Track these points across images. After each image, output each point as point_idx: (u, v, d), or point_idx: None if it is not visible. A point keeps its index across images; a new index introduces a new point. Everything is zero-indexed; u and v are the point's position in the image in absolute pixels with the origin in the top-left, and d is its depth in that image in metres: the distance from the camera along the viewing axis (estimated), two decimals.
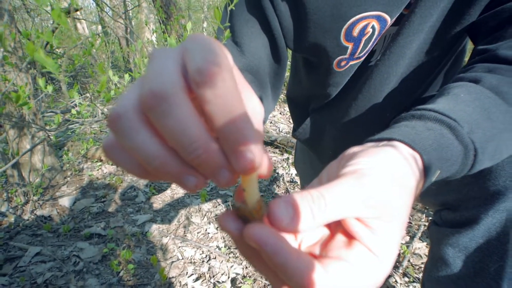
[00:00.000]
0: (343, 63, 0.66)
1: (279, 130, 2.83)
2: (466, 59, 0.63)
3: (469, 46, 0.74)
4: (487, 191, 0.49)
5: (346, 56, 0.64)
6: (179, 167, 0.23)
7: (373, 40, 0.62)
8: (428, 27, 0.59)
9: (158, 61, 0.22)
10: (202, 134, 0.22)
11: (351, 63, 0.66)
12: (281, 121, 2.99)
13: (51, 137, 1.05)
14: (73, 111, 1.44)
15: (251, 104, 0.26)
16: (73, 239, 1.45)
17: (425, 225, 1.39)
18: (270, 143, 2.40)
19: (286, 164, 2.16)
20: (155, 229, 1.52)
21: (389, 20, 0.59)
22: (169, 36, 1.28)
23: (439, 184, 0.62)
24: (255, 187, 0.25)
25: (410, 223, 1.46)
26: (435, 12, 0.57)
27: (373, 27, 0.60)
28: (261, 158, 0.22)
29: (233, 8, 0.64)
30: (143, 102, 0.21)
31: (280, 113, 3.21)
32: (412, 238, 1.35)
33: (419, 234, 1.35)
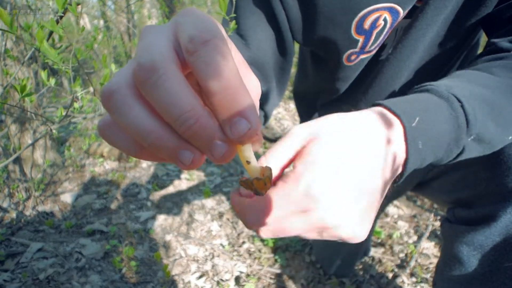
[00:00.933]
0: (353, 57, 0.64)
1: (283, 127, 2.81)
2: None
3: (482, 42, 0.72)
4: (505, 187, 0.47)
5: (357, 49, 0.62)
6: (174, 142, 0.22)
7: (384, 33, 0.60)
8: (442, 19, 0.57)
9: (147, 37, 0.22)
10: (193, 104, 0.21)
11: (362, 57, 0.64)
12: (285, 118, 2.97)
13: (53, 130, 1.04)
14: (76, 105, 1.42)
15: (248, 80, 0.25)
16: (75, 236, 1.44)
17: (433, 225, 1.37)
18: (274, 140, 2.38)
19: None
20: (157, 226, 1.50)
21: (402, 12, 0.57)
22: None
23: (454, 180, 0.60)
24: (254, 156, 0.25)
25: (418, 222, 1.44)
26: (449, 3, 0.55)
27: (385, 20, 0.58)
28: (258, 124, 0.22)
29: None
30: (134, 77, 0.21)
31: (285, 110, 3.18)
32: (420, 237, 1.33)
33: (427, 234, 1.33)
